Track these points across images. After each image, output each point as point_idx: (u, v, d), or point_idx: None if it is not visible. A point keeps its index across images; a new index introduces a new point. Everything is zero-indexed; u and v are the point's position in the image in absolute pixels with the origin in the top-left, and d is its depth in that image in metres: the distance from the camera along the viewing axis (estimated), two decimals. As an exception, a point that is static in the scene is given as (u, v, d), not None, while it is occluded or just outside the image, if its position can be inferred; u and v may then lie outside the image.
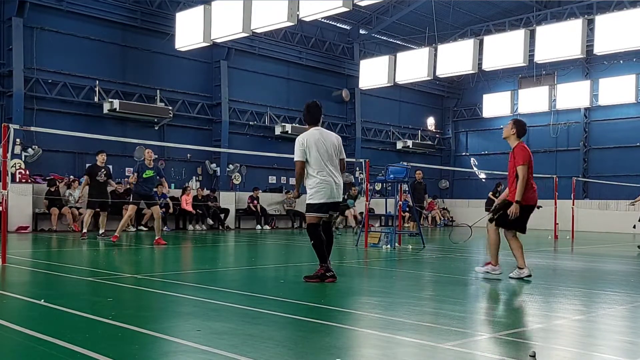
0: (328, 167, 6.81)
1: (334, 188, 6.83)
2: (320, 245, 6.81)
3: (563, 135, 25.87)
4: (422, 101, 28.58)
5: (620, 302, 6.01)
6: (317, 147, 6.79)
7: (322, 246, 6.82)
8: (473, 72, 20.11)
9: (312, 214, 6.85)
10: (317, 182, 6.77)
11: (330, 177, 6.81)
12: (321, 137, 6.88)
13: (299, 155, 6.79)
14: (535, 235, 18.99)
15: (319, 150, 6.79)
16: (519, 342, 4.05)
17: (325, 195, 6.77)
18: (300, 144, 6.79)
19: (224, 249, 12.65)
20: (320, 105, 7.20)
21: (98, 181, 13.02)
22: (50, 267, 8.25)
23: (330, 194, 6.80)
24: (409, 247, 12.30)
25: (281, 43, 22.38)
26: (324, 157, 6.81)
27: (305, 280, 6.81)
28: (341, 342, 4.02)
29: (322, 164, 6.78)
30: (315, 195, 6.79)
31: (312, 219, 6.86)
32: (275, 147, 21.50)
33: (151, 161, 12.18)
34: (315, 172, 6.78)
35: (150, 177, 12.11)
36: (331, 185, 6.80)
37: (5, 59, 16.57)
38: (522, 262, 7.33)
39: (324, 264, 6.79)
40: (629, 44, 16.40)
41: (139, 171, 12.11)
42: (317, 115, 7.06)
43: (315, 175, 6.78)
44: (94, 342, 3.79)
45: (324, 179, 6.77)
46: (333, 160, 6.90)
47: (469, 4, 23.31)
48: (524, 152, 7.21)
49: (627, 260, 11.13)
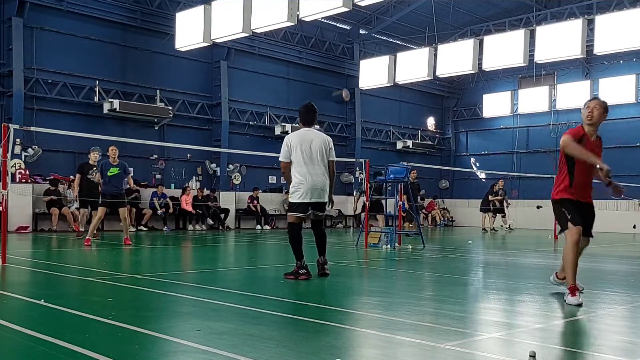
0: (308, 168, 6.93)
1: (312, 188, 6.93)
2: (294, 244, 7.10)
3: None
4: (422, 101, 28.59)
5: (620, 302, 6.00)
6: (301, 147, 6.94)
7: (297, 245, 7.08)
8: (473, 72, 20.12)
9: (291, 213, 7.12)
10: (296, 182, 6.98)
11: (310, 177, 6.92)
12: (307, 138, 7.00)
13: (282, 155, 7.05)
14: (535, 235, 18.99)
15: (302, 150, 6.93)
16: (519, 342, 4.05)
17: (302, 195, 6.94)
18: (285, 144, 7.00)
19: (224, 249, 12.65)
20: (314, 107, 7.31)
21: (89, 179, 12.54)
22: (50, 267, 8.25)
23: (309, 194, 6.93)
24: (409, 247, 12.30)
25: (281, 43, 22.38)
26: (306, 158, 6.93)
27: (284, 277, 7.05)
28: (341, 342, 4.02)
29: (302, 164, 6.93)
30: (294, 194, 7.01)
31: (290, 218, 7.15)
32: (275, 147, 21.37)
33: (115, 158, 11.66)
34: (295, 172, 6.97)
35: (116, 174, 11.60)
36: (310, 185, 6.92)
37: (5, 59, 16.58)
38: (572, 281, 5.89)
39: (298, 262, 7.05)
40: (629, 44, 16.41)
41: (102, 170, 11.67)
42: (309, 117, 7.19)
43: (296, 175, 6.97)
44: (94, 342, 3.79)
45: (301, 179, 6.93)
46: (316, 161, 6.98)
47: (469, 4, 23.32)
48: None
49: (627, 260, 11.13)
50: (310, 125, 7.17)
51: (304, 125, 7.17)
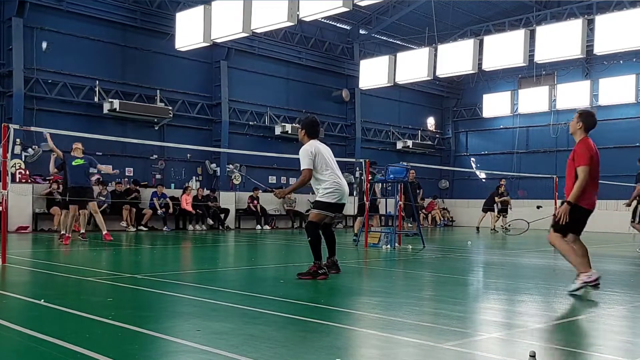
0: (337, 173, 7.23)
1: (345, 191, 7.23)
2: (317, 244, 7.12)
3: (563, 136, 25.82)
4: (422, 101, 28.58)
5: (620, 302, 6.01)
6: (324, 155, 7.19)
7: (319, 244, 7.13)
8: (473, 72, 20.11)
9: (319, 211, 7.14)
10: (332, 183, 7.12)
11: (342, 180, 7.25)
12: (323, 148, 7.32)
13: (307, 163, 7.08)
14: (535, 235, 18.98)
15: (327, 158, 7.19)
16: (519, 342, 4.05)
17: (338, 197, 7.14)
18: (308, 153, 7.09)
19: (224, 249, 12.65)
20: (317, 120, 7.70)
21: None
22: (50, 267, 8.25)
23: (342, 197, 7.18)
24: (408, 247, 12.30)
25: (281, 43, 22.37)
26: (332, 163, 7.24)
27: (298, 277, 7.00)
28: (341, 342, 4.02)
29: (333, 168, 7.20)
30: (329, 195, 7.11)
31: (315, 216, 7.16)
32: (275, 147, 21.50)
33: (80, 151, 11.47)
34: (327, 176, 7.12)
35: (81, 165, 11.39)
36: (343, 188, 7.20)
37: (5, 59, 16.57)
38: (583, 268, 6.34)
39: (318, 262, 7.07)
40: (629, 44, 16.40)
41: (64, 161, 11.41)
42: (316, 130, 7.44)
43: (328, 178, 7.12)
44: (94, 342, 3.79)
45: (337, 182, 7.15)
46: (338, 168, 7.35)
47: (468, 4, 23.31)
48: (586, 152, 6.30)
49: (627, 260, 11.13)
50: (317, 138, 7.39)
51: (310, 138, 7.32)
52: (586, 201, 6.29)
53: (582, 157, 6.30)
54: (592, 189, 6.33)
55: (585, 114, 6.65)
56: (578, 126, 6.53)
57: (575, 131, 6.57)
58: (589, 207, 6.33)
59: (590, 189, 6.29)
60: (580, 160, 6.30)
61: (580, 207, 6.27)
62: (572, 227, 6.32)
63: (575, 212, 6.25)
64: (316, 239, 7.13)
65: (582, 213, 6.32)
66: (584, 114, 6.64)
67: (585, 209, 6.31)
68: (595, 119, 6.69)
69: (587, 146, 6.37)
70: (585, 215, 6.37)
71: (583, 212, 6.32)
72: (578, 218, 6.30)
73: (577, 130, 6.55)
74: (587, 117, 6.58)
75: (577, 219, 6.30)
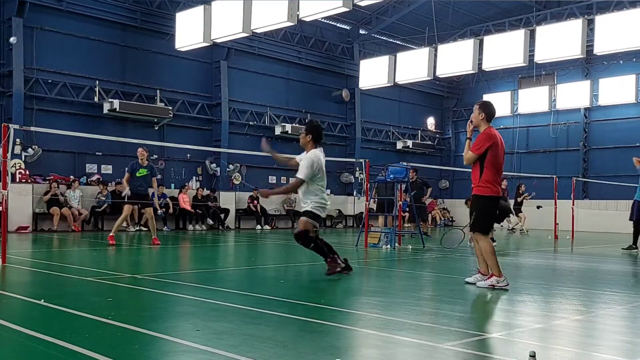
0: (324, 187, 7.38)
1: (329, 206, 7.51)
2: (317, 245, 7.20)
3: (563, 136, 25.86)
4: (422, 101, 28.58)
5: (620, 302, 6.01)
6: (323, 167, 7.25)
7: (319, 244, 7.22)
8: (473, 72, 20.10)
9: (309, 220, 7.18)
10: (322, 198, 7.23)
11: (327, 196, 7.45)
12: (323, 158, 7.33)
13: (307, 174, 7.09)
14: (536, 235, 19.00)
15: (323, 172, 7.25)
16: (519, 342, 4.06)
17: (325, 212, 7.38)
18: (313, 165, 7.08)
19: (224, 249, 12.65)
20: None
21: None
22: (50, 267, 8.25)
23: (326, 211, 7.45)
24: (408, 247, 12.30)
25: (281, 43, 22.37)
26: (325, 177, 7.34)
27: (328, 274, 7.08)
28: (341, 342, 4.02)
29: (324, 184, 7.31)
30: (321, 210, 7.23)
31: (306, 225, 7.17)
32: (275, 147, 21.40)
33: (144, 159, 11.69)
34: (319, 191, 7.21)
35: (144, 175, 11.63)
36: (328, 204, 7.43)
37: (5, 59, 16.57)
38: (485, 269, 6.66)
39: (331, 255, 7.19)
40: (629, 44, 16.39)
41: (132, 170, 11.66)
42: (322, 134, 7.42)
43: (319, 193, 7.21)
44: (94, 342, 3.79)
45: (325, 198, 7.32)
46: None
47: (468, 4, 23.31)
48: (483, 142, 6.47)
49: (626, 260, 11.13)
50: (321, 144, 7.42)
51: (316, 144, 7.28)
52: (492, 189, 6.49)
53: (476, 145, 6.51)
54: (495, 178, 6.51)
55: (485, 104, 6.81)
56: (480, 117, 6.66)
57: (479, 122, 6.68)
58: (494, 194, 6.51)
59: (492, 178, 6.49)
60: (474, 147, 6.52)
61: (489, 197, 6.50)
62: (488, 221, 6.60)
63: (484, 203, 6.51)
64: (314, 241, 7.17)
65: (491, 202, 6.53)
66: (484, 104, 6.81)
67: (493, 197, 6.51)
68: (494, 107, 6.89)
69: (487, 136, 6.53)
70: (494, 204, 6.57)
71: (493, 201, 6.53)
72: (488, 209, 6.53)
73: (480, 121, 6.67)
74: (487, 107, 6.74)
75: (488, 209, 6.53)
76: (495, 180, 6.50)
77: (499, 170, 6.55)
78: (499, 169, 6.56)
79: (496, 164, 6.49)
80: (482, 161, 6.48)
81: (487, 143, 6.46)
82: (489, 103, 6.84)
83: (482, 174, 6.49)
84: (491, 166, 6.46)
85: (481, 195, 6.53)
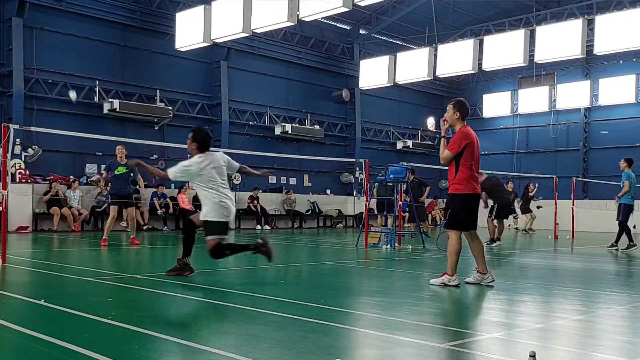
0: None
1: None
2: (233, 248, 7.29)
3: (563, 136, 25.86)
4: (422, 101, 28.58)
5: (620, 302, 6.01)
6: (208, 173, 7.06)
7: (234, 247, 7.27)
8: (473, 72, 20.10)
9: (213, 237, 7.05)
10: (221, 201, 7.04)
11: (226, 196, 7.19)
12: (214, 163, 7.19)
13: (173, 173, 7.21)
14: (536, 235, 19.00)
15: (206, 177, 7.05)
16: (519, 342, 4.06)
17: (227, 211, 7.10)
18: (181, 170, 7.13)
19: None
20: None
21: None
22: (50, 267, 8.25)
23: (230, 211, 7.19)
24: (408, 247, 12.30)
25: (281, 43, 22.37)
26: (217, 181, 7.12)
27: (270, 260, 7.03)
28: (341, 342, 4.02)
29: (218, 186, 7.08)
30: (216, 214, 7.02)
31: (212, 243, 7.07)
32: (275, 147, 21.50)
33: (123, 157, 11.38)
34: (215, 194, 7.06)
35: (123, 174, 11.36)
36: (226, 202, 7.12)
37: (5, 59, 16.58)
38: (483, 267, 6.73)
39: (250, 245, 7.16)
40: (629, 44, 16.39)
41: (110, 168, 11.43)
42: (209, 144, 7.32)
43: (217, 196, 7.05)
44: (94, 342, 3.79)
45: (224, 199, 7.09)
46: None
47: (469, 4, 23.31)
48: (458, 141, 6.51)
49: (626, 260, 11.13)
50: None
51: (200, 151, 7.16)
52: (467, 186, 6.51)
53: (453, 144, 6.53)
54: (470, 176, 6.54)
55: (459, 102, 6.82)
56: (455, 116, 6.69)
57: (454, 121, 6.70)
58: (469, 191, 6.52)
59: (467, 176, 6.52)
60: (451, 146, 6.54)
61: (464, 195, 6.53)
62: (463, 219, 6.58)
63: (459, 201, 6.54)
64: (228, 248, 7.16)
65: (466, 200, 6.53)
66: (457, 102, 6.81)
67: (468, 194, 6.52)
68: (468, 106, 6.93)
69: (464, 135, 6.57)
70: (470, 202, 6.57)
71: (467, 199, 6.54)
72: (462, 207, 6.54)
73: (455, 120, 6.69)
74: (461, 105, 6.76)
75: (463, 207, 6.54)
76: (471, 178, 6.55)
77: (474, 168, 6.61)
78: (475, 167, 6.63)
79: (472, 162, 6.56)
80: (457, 160, 6.54)
81: (464, 142, 6.51)
82: (463, 102, 6.87)
83: (457, 172, 6.55)
84: (466, 164, 6.52)
85: (456, 194, 6.59)
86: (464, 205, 6.57)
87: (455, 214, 6.61)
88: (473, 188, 6.55)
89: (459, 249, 6.59)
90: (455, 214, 6.61)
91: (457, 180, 6.56)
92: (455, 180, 6.57)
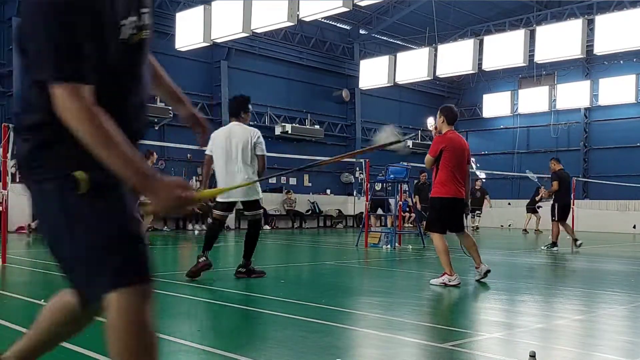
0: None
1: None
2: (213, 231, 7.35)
3: (563, 136, 25.85)
4: (422, 101, 28.57)
5: (620, 302, 6.00)
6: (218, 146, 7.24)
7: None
8: (473, 72, 20.11)
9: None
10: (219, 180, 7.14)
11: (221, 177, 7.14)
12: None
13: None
14: (535, 235, 18.99)
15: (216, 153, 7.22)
16: (519, 342, 4.05)
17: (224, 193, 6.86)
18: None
19: (223, 249, 12.64)
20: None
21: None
22: (50, 267, 8.24)
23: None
24: (409, 247, 12.30)
25: (281, 43, 22.37)
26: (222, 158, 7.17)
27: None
28: (341, 342, 4.02)
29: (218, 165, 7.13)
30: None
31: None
32: (275, 147, 21.46)
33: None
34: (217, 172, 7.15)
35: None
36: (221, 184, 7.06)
37: (5, 59, 16.58)
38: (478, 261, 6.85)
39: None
40: (629, 44, 16.39)
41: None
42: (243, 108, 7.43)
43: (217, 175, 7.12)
44: (94, 342, 3.78)
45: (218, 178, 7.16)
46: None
47: (469, 4, 23.31)
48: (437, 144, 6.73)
49: (627, 260, 11.13)
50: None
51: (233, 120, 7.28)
52: (444, 190, 6.68)
53: (430, 148, 6.84)
54: (449, 179, 6.68)
55: (445, 107, 7.10)
56: (441, 120, 6.95)
57: (441, 126, 6.94)
58: (448, 195, 6.67)
59: (446, 179, 6.67)
60: (430, 150, 6.83)
61: (440, 198, 6.71)
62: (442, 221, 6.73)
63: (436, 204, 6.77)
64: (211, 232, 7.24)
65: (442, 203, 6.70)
66: (444, 108, 7.10)
67: (445, 198, 6.67)
68: (456, 111, 7.18)
69: (441, 138, 6.80)
70: (447, 205, 6.71)
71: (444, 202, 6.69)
72: (439, 209, 6.74)
73: (441, 125, 6.93)
74: (447, 110, 7.01)
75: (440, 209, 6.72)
76: (450, 181, 6.67)
77: (455, 171, 6.72)
78: (456, 170, 6.73)
79: (451, 166, 6.68)
80: (437, 163, 6.73)
81: (440, 145, 6.71)
82: (449, 107, 7.13)
83: (437, 175, 6.73)
84: (445, 168, 6.67)
85: (435, 197, 6.78)
86: (440, 208, 6.73)
87: (432, 216, 6.87)
88: (453, 191, 6.67)
89: (445, 248, 6.66)
90: (432, 216, 6.87)
91: (435, 183, 6.79)
92: (435, 183, 6.79)
